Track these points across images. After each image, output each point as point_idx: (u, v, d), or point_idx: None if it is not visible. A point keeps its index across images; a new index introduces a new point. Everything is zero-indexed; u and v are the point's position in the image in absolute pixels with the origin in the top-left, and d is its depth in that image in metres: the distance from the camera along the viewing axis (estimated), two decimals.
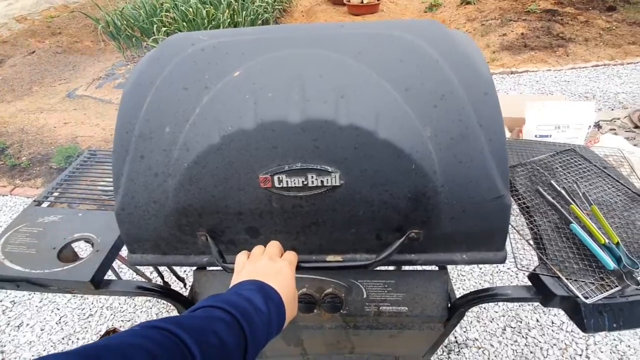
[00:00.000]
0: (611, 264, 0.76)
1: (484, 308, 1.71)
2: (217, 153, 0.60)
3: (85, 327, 1.74)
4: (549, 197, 0.93)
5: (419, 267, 1.05)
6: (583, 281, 0.76)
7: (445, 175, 0.62)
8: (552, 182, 0.98)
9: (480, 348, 1.56)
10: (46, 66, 4.61)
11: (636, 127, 2.79)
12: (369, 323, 0.90)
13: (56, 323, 1.77)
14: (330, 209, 0.65)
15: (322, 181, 0.61)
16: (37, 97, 3.96)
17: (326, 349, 1.09)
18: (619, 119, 2.93)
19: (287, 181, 0.61)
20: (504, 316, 1.67)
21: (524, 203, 0.93)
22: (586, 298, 0.72)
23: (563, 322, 1.63)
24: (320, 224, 0.68)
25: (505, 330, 1.61)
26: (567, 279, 0.76)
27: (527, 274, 0.80)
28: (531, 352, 1.53)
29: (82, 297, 1.87)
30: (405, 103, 0.60)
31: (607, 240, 0.80)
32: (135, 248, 0.73)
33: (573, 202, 0.90)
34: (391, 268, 1.28)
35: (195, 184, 0.63)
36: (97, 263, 0.74)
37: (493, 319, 1.66)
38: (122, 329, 1.71)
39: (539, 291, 0.78)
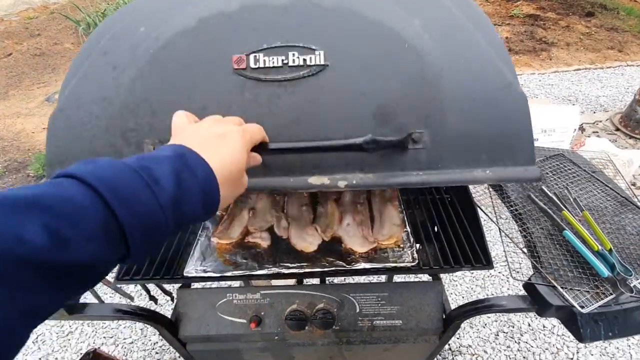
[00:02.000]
0: (605, 271, 0.75)
1: None
2: (190, 35, 0.55)
3: (65, 346, 1.66)
4: (541, 204, 0.92)
5: (413, 278, 1.03)
6: (578, 290, 0.74)
7: (443, 58, 0.56)
8: (543, 187, 0.97)
9: (474, 355, 1.54)
10: (24, 69, 4.44)
11: (617, 129, 2.86)
12: (362, 338, 0.87)
13: (32, 342, 1.67)
14: (314, 100, 0.56)
15: (304, 60, 0.55)
16: (14, 102, 3.81)
17: None
18: (601, 121, 3.01)
19: (264, 60, 0.54)
20: (496, 321, 1.67)
21: (516, 210, 0.92)
22: (582, 307, 0.70)
23: (554, 326, 1.63)
24: (302, 124, 0.56)
25: (498, 335, 1.61)
26: (562, 288, 0.74)
27: (521, 282, 0.78)
28: (524, 357, 1.52)
29: None
30: None
31: (600, 247, 0.79)
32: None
33: (565, 208, 0.90)
34: (383, 279, 1.25)
35: (158, 71, 0.56)
36: None
37: (486, 325, 1.66)
38: (104, 348, 1.64)
39: (535, 301, 0.76)
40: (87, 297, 0.69)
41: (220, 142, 0.40)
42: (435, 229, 0.90)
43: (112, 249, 0.29)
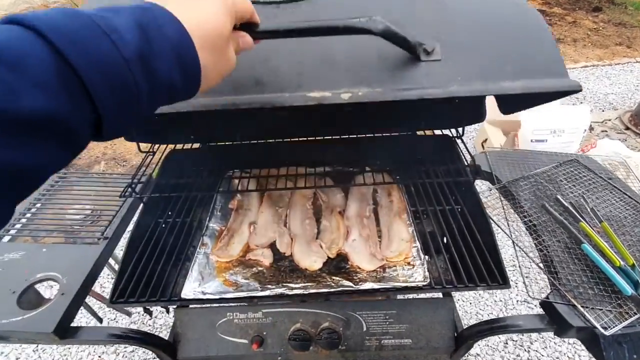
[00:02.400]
0: (629, 289, 0.70)
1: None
2: None
3: (65, 355, 1.63)
4: (557, 214, 0.87)
5: (421, 294, 0.98)
6: (600, 309, 0.70)
7: None
8: (558, 196, 0.92)
9: None
10: None
11: (627, 128, 2.79)
12: (370, 358, 0.83)
13: (33, 351, 1.65)
14: (314, 19, 0.49)
15: None
16: None
17: None
18: (610, 120, 2.94)
19: None
20: None
21: (530, 221, 0.87)
22: (605, 329, 0.66)
23: None
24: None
25: (507, 344, 1.56)
26: (583, 307, 0.70)
27: (530, 294, 0.74)
28: None
29: None
30: None
31: (622, 262, 0.74)
32: None
33: (582, 219, 0.85)
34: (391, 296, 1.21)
35: None
36: (61, 309, 0.65)
37: None
38: (105, 357, 1.61)
39: (553, 321, 0.72)
40: (80, 320, 0.66)
41: (195, 1, 0.34)
42: (445, 240, 0.86)
43: (73, 101, 0.25)
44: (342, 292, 0.70)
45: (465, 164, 0.95)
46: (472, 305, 1.73)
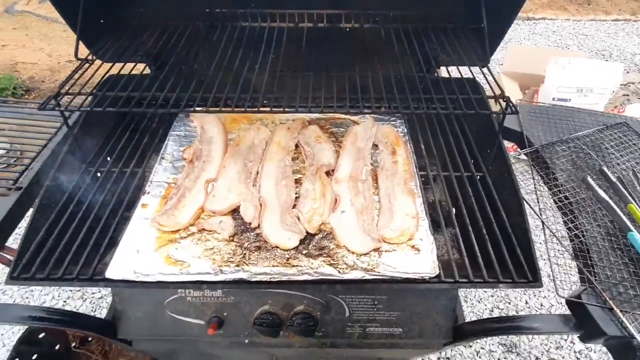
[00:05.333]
0: None
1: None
2: None
3: (27, 297, 1.54)
4: (600, 192, 0.70)
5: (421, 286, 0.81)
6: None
7: None
8: (604, 168, 0.74)
9: None
10: None
11: None
12: (351, 343, 0.70)
13: None
14: None
15: None
16: None
17: None
18: (633, 83, 2.68)
19: None
20: (492, 296, 1.56)
21: (566, 197, 0.70)
22: None
23: (552, 306, 1.53)
24: None
25: (492, 312, 1.51)
26: (622, 312, 0.56)
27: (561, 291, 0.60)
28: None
29: None
30: None
31: None
32: None
33: (632, 200, 0.68)
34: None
35: None
36: None
37: (481, 300, 1.55)
38: (71, 303, 1.51)
39: (581, 324, 0.58)
40: None
41: None
42: (457, 214, 0.68)
43: None
44: (321, 281, 0.54)
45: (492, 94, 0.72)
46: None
